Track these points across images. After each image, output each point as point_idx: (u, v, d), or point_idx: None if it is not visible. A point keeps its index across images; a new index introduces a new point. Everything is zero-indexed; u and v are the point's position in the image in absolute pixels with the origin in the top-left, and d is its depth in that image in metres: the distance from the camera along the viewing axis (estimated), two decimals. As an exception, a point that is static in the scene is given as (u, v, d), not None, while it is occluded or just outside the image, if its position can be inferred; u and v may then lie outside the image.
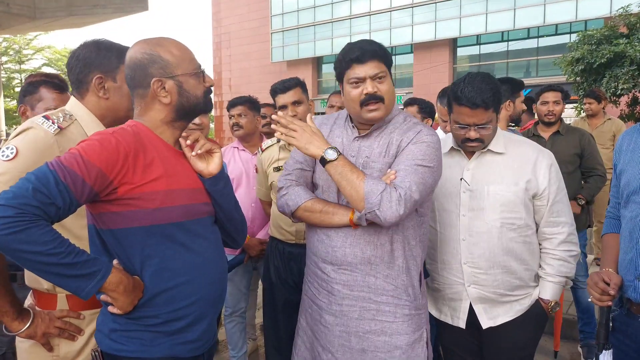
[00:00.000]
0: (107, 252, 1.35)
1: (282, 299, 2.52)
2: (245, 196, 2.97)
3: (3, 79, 20.51)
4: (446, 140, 2.10)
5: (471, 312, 2.00)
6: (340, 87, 1.79)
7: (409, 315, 1.71)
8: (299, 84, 2.54)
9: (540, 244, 2.01)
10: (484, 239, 1.93)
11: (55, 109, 2.07)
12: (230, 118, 3.16)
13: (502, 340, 2.00)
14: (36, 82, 2.25)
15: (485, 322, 1.98)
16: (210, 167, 1.47)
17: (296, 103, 2.48)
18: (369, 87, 1.65)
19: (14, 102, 23.02)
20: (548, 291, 1.98)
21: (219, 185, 1.49)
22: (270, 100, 3.65)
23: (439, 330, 2.25)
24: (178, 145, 1.48)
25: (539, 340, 2.10)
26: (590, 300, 1.68)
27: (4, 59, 23.98)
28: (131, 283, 1.31)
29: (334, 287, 1.72)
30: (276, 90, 2.53)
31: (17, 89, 22.29)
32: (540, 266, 2.02)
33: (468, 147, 1.97)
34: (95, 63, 1.58)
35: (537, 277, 2.02)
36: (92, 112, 1.60)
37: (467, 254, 1.96)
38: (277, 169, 2.57)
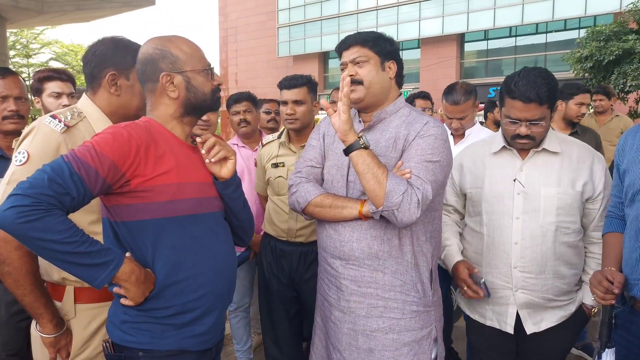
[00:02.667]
0: (120, 245, 1.38)
1: (276, 294, 2.54)
2: (247, 193, 2.91)
3: (11, 73, 20.54)
4: (496, 138, 2.02)
5: (515, 317, 1.94)
6: None
7: (417, 312, 1.70)
8: (306, 83, 2.48)
9: (585, 247, 1.94)
10: (538, 243, 1.85)
11: (3, 96, 2.12)
12: (234, 114, 3.08)
13: (542, 345, 1.95)
14: None
15: (530, 328, 1.93)
16: (222, 171, 1.49)
17: (297, 102, 2.43)
18: (346, 71, 1.71)
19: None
20: (592, 296, 1.88)
21: (229, 190, 1.52)
22: (276, 96, 3.63)
23: (468, 330, 2.20)
24: (189, 140, 1.51)
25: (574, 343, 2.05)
26: (593, 299, 1.67)
27: (12, 53, 24.10)
28: (143, 274, 1.33)
29: (342, 282, 1.72)
30: (282, 84, 2.50)
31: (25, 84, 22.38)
32: (583, 270, 1.94)
33: (517, 144, 1.88)
34: (110, 60, 1.61)
35: (580, 281, 1.96)
36: (103, 108, 1.63)
37: (518, 258, 1.87)
38: (275, 165, 2.54)
